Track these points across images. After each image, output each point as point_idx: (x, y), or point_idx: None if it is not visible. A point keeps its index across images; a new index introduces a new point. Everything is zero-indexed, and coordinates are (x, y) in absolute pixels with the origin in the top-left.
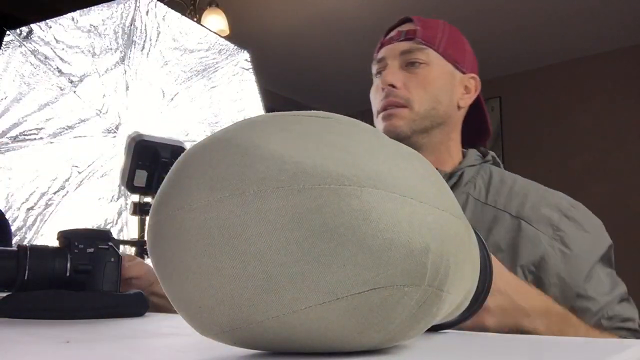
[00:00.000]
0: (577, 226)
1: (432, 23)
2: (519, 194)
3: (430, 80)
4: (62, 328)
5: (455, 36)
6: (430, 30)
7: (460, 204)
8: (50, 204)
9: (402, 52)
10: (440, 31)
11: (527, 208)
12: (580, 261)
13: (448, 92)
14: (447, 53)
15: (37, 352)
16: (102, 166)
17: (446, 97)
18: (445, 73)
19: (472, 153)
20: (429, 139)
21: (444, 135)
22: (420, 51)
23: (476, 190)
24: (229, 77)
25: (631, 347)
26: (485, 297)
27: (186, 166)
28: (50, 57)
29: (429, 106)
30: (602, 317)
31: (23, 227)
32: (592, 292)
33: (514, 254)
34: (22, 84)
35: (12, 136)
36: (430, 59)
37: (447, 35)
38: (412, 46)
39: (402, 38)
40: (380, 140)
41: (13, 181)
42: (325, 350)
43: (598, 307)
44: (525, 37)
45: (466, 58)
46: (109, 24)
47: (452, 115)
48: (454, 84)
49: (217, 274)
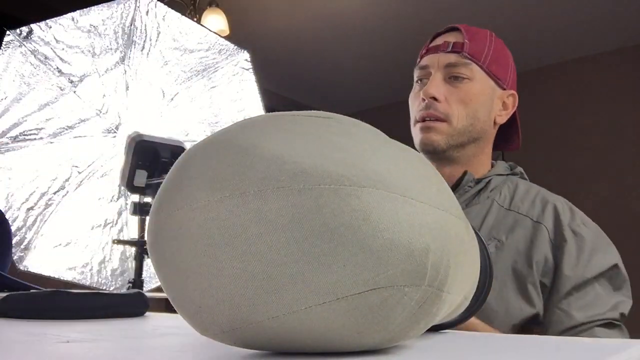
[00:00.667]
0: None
1: (480, 36)
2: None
3: (472, 97)
4: (62, 328)
5: (500, 51)
6: (477, 44)
7: (485, 208)
8: (50, 204)
9: (447, 64)
10: (487, 46)
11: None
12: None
13: (487, 109)
14: (491, 69)
15: (37, 352)
16: (102, 166)
17: (485, 113)
18: (486, 89)
19: (501, 164)
20: (464, 153)
21: (478, 149)
22: (465, 66)
23: (501, 197)
24: (229, 77)
25: (631, 347)
26: (486, 297)
27: (186, 166)
28: (50, 57)
29: (467, 122)
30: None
31: (23, 227)
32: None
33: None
34: (22, 84)
35: (12, 136)
36: (474, 74)
37: (493, 49)
38: (457, 60)
39: (449, 49)
40: (381, 140)
41: (13, 181)
42: (325, 350)
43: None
44: (525, 37)
45: (508, 74)
46: (109, 24)
47: (488, 131)
48: (494, 100)
49: (217, 274)
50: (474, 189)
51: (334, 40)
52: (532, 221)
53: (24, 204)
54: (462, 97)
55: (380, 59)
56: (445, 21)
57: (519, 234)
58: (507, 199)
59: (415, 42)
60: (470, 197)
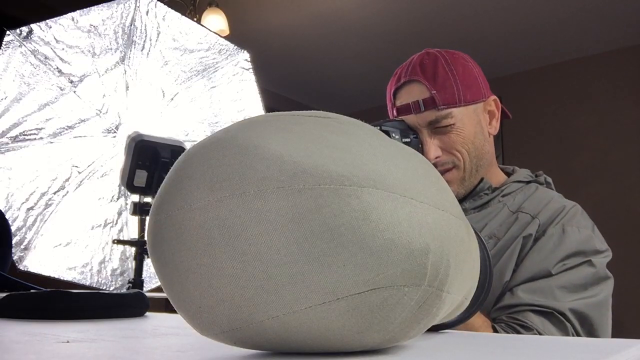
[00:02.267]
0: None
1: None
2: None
3: (464, 136)
4: (62, 328)
5: (464, 73)
6: (444, 88)
7: (495, 212)
8: (50, 204)
9: (428, 122)
10: (452, 82)
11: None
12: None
13: (480, 133)
14: (467, 99)
15: (37, 352)
16: (102, 166)
17: (480, 138)
18: (471, 117)
19: (523, 172)
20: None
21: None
22: (445, 118)
23: (514, 203)
24: (229, 77)
25: (631, 347)
26: (486, 297)
27: (186, 166)
28: (50, 57)
29: (471, 157)
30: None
31: (23, 227)
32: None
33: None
34: (22, 84)
35: (12, 136)
36: (456, 117)
37: (459, 79)
38: (436, 115)
39: (422, 109)
40: (381, 140)
41: (13, 181)
42: (325, 350)
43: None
44: (526, 37)
45: (480, 87)
46: (109, 24)
47: (489, 149)
48: (481, 119)
49: (217, 274)
50: (489, 196)
51: (334, 41)
52: (531, 217)
53: (24, 204)
54: (455, 140)
55: (380, 59)
56: (444, 21)
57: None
58: (518, 203)
59: (415, 42)
60: (484, 203)
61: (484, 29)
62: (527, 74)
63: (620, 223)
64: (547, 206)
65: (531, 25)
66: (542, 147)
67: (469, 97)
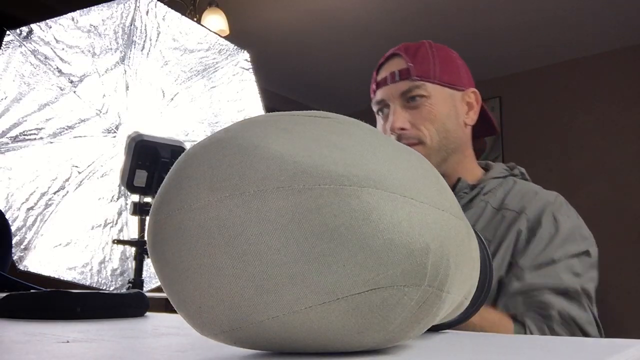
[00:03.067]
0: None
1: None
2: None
3: (435, 113)
4: (62, 328)
5: (445, 57)
6: (422, 63)
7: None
8: (50, 204)
9: (401, 93)
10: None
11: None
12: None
13: (453, 117)
14: (443, 80)
15: (37, 352)
16: (102, 166)
17: (453, 122)
18: (446, 99)
19: (498, 166)
20: (447, 165)
21: (460, 156)
22: (418, 88)
23: (496, 199)
24: (229, 77)
25: (631, 347)
26: (486, 297)
27: (186, 166)
28: (50, 57)
29: (439, 137)
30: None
31: (23, 227)
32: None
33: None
34: (22, 84)
35: (12, 136)
36: (430, 91)
37: (439, 60)
38: (409, 85)
39: (397, 79)
40: (380, 140)
41: (13, 181)
42: (325, 350)
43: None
44: (526, 37)
45: (461, 75)
46: (109, 24)
47: (462, 137)
48: (457, 107)
49: (217, 274)
50: (470, 194)
51: (334, 40)
52: (516, 213)
53: (24, 204)
54: (426, 116)
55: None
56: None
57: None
58: (500, 199)
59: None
60: (466, 203)
61: (483, 29)
62: (527, 74)
63: (620, 223)
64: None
65: (531, 25)
66: (542, 147)
67: (446, 78)
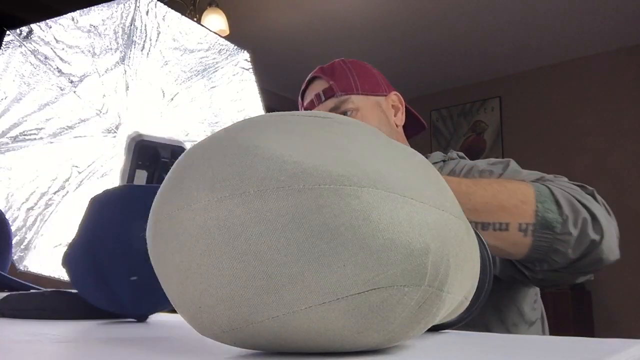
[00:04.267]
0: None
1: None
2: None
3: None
4: (62, 328)
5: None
6: (341, 79)
7: None
8: (50, 204)
9: (330, 110)
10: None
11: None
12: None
13: (385, 122)
14: (365, 89)
15: (37, 352)
16: (102, 166)
17: (386, 128)
18: (373, 107)
19: (435, 154)
20: None
21: None
22: (345, 102)
23: None
24: (229, 77)
25: (631, 347)
26: (486, 297)
27: (186, 166)
28: (50, 57)
29: None
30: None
31: (23, 227)
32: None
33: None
34: (22, 84)
35: (12, 136)
36: (357, 103)
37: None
38: (336, 102)
39: (323, 99)
40: (380, 140)
41: (13, 181)
42: (325, 350)
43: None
44: (525, 37)
45: (379, 83)
46: (109, 24)
47: (398, 138)
48: (385, 110)
49: (217, 274)
50: None
51: (334, 40)
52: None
53: (24, 204)
54: None
55: (380, 59)
56: (444, 22)
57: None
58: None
59: (415, 42)
60: None
61: (483, 29)
62: (527, 74)
63: (620, 223)
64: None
65: (531, 25)
66: (542, 147)
67: (367, 87)
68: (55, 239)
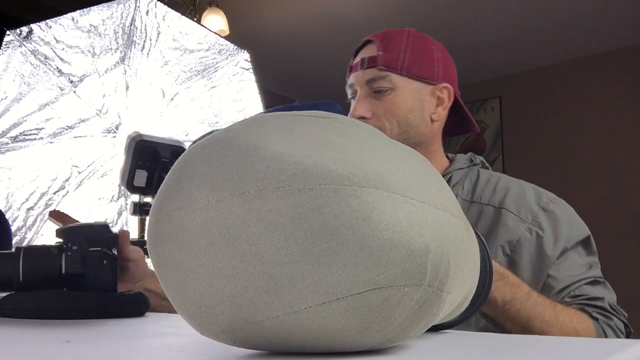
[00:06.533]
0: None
1: (395, 42)
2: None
3: (398, 106)
4: (62, 328)
5: (420, 49)
6: (391, 52)
7: None
8: (50, 204)
9: (367, 80)
10: (402, 50)
11: (508, 199)
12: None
13: (418, 112)
14: (411, 72)
15: (37, 352)
16: (102, 166)
17: (417, 117)
18: (412, 93)
19: (460, 158)
20: None
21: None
22: (383, 79)
23: (464, 191)
24: (229, 77)
25: (631, 347)
26: (486, 297)
27: (186, 166)
28: (50, 57)
29: (400, 131)
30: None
31: (23, 227)
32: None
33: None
34: (22, 84)
35: (12, 136)
36: (395, 83)
37: (411, 52)
38: (375, 74)
39: (365, 66)
40: (380, 141)
41: (13, 181)
42: (325, 350)
43: (562, 286)
44: (525, 37)
45: (435, 69)
46: (109, 24)
47: (427, 133)
48: (424, 100)
49: (218, 274)
50: None
51: (334, 40)
52: (494, 208)
53: (24, 204)
54: (388, 108)
55: None
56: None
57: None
58: (470, 191)
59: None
60: None
61: (484, 28)
62: (527, 74)
63: (620, 223)
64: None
65: (531, 26)
66: (542, 147)
67: (415, 71)
68: (55, 239)
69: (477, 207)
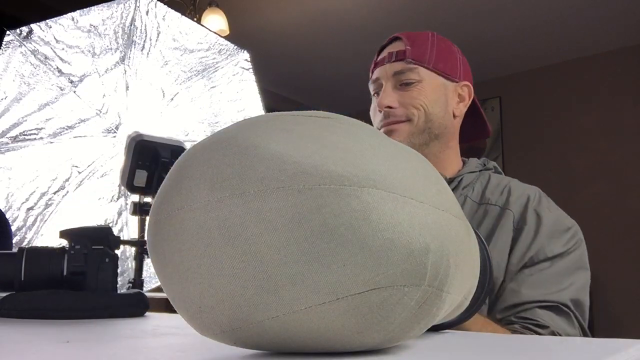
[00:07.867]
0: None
1: (422, 39)
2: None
3: (424, 96)
4: (62, 328)
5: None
6: (419, 48)
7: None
8: (50, 204)
9: (394, 73)
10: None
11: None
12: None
13: (442, 105)
14: (437, 67)
15: (37, 352)
16: (102, 166)
17: (440, 109)
18: (437, 87)
19: (473, 161)
20: (429, 150)
21: (443, 144)
22: (411, 71)
23: (474, 193)
24: (229, 77)
25: (631, 347)
26: (486, 297)
27: (186, 166)
28: (50, 57)
29: (425, 119)
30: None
31: (23, 227)
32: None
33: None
34: (22, 84)
35: (12, 136)
36: (422, 76)
37: (437, 49)
38: (403, 67)
39: (393, 59)
40: (380, 140)
41: (13, 181)
42: (325, 350)
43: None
44: (525, 37)
45: (457, 68)
46: (109, 24)
47: (448, 126)
48: (447, 95)
49: (217, 274)
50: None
51: (334, 40)
52: (500, 208)
53: (24, 204)
54: (414, 98)
55: None
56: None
57: (487, 222)
58: (479, 193)
59: None
60: None
61: (484, 28)
62: (527, 74)
63: (620, 223)
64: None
65: (531, 26)
66: (542, 147)
67: (441, 66)
68: (56, 239)
69: (484, 208)
